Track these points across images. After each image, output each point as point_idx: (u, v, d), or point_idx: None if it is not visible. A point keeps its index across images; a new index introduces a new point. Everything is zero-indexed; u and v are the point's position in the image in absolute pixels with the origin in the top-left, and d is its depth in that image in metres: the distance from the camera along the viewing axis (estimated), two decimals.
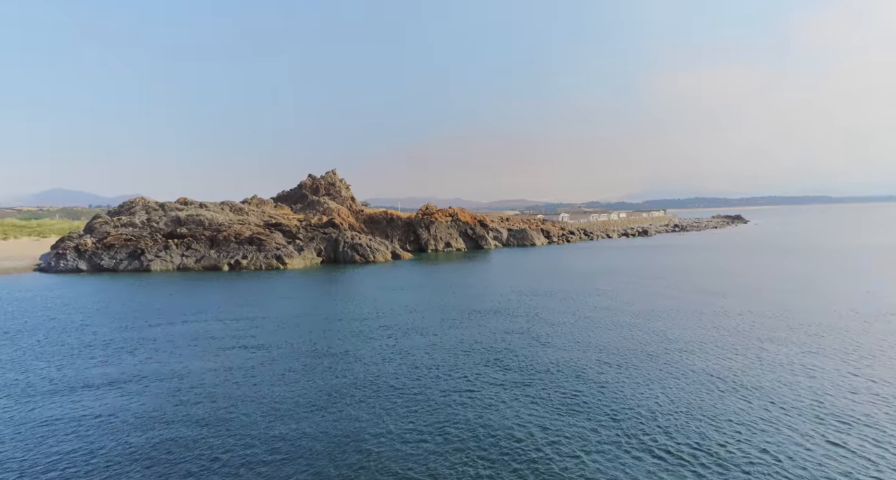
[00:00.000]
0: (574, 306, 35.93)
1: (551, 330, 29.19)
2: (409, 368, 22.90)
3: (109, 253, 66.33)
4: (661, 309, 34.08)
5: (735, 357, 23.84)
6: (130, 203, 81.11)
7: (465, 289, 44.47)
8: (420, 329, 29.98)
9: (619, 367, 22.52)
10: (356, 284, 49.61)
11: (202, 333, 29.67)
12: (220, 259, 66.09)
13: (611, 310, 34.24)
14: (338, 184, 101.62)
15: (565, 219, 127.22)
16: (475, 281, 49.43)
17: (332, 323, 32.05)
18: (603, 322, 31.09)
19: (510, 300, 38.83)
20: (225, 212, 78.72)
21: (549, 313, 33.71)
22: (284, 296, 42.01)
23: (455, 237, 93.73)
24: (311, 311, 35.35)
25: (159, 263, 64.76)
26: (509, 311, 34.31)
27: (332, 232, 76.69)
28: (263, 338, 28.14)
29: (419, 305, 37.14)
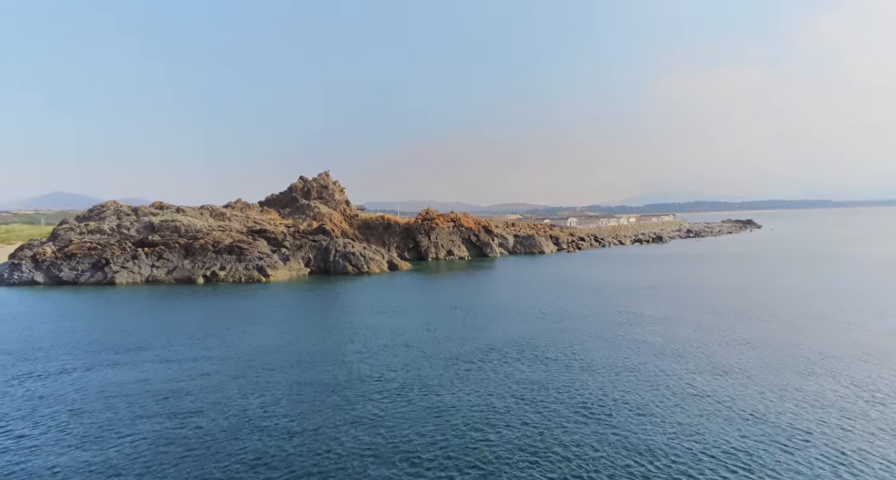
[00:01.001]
0: (627, 347, 28.47)
1: (607, 396, 21.86)
2: (405, 466, 15.55)
3: (70, 263, 59.04)
4: (773, 364, 23.61)
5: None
6: (101, 207, 73.88)
7: (473, 313, 37.17)
8: (419, 384, 22.52)
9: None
10: (344, 304, 42.31)
11: (125, 384, 22.32)
12: (194, 270, 58.79)
13: (693, 363, 26.87)
14: (331, 186, 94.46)
15: (573, 225, 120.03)
16: (485, 302, 42.12)
17: (300, 371, 24.66)
18: (689, 386, 23.80)
19: (534, 331, 31.49)
20: (204, 217, 71.47)
21: (591, 357, 26.30)
22: (254, 322, 34.66)
23: (457, 244, 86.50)
24: (278, 348, 27.92)
25: (125, 275, 57.45)
26: (537, 352, 26.87)
27: (323, 239, 69.43)
28: (205, 397, 20.75)
29: (418, 340, 29.81)
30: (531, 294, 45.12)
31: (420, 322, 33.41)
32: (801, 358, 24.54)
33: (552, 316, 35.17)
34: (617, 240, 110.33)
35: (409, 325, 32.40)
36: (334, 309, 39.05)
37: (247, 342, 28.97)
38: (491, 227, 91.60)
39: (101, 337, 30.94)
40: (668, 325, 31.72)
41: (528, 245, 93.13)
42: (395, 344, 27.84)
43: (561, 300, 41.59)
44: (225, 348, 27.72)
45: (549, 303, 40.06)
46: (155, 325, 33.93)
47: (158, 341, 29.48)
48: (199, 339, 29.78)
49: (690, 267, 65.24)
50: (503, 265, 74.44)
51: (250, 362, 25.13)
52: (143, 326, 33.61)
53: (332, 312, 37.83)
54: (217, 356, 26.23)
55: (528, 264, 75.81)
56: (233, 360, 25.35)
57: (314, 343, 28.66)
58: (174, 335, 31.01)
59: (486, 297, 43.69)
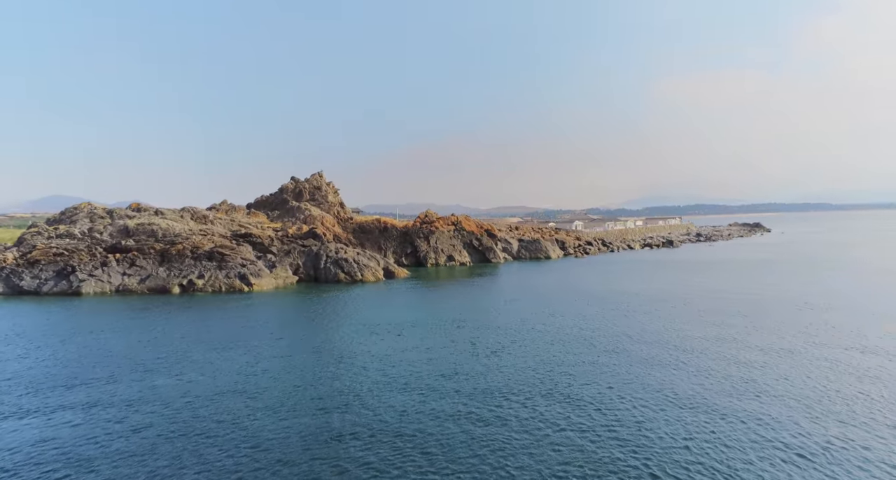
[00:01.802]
0: (705, 393, 23.01)
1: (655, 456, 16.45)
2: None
3: (32, 271, 53.49)
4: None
5: None
6: (74, 209, 68.37)
7: (481, 334, 31.71)
8: (420, 446, 17.15)
9: None
10: (329, 322, 36.82)
11: (18, 448, 16.88)
12: (169, 278, 53.27)
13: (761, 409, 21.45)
14: (324, 187, 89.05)
15: (579, 228, 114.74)
16: (494, 319, 36.64)
17: (263, 421, 19.25)
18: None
19: (560, 360, 26.00)
20: (185, 220, 65.99)
21: (645, 403, 20.95)
22: (218, 347, 29.09)
23: (459, 249, 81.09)
24: (229, 392, 22.43)
25: (93, 284, 51.89)
26: (569, 390, 21.39)
27: (313, 244, 63.97)
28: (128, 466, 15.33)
29: (417, 373, 24.35)
30: (547, 308, 39.68)
31: (419, 346, 27.94)
32: None
33: (579, 337, 29.72)
34: (625, 244, 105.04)
35: (405, 352, 26.92)
36: (317, 329, 33.56)
37: (180, 385, 23.46)
38: (494, 231, 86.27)
39: (23, 368, 25.41)
40: (757, 362, 26.29)
41: (533, 250, 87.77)
42: (389, 380, 22.37)
43: (586, 316, 36.14)
44: (157, 397, 22.23)
45: (572, 320, 34.61)
46: (100, 351, 28.40)
47: (99, 373, 23.99)
48: (142, 373, 24.27)
49: (722, 276, 59.83)
50: (508, 272, 69.04)
51: (181, 421, 19.66)
52: (86, 352, 28.10)
53: (313, 334, 32.33)
54: (153, 402, 20.75)
55: (535, 271, 70.42)
56: (163, 414, 19.84)
57: (287, 381, 23.17)
58: (121, 365, 25.47)
59: (495, 313, 38.23)
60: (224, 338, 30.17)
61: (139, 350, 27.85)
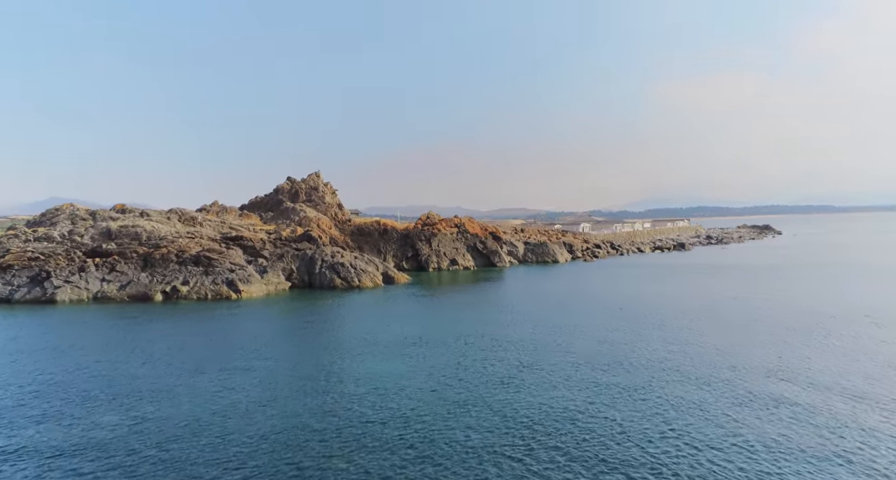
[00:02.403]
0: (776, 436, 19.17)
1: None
2: None
3: (5, 276, 49.71)
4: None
5: None
6: (55, 210, 64.68)
7: (490, 352, 27.76)
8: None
9: None
10: (323, 335, 32.89)
11: None
12: (151, 285, 49.43)
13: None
14: (321, 188, 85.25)
15: (586, 230, 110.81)
16: (503, 332, 32.67)
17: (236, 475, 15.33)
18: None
19: (588, 391, 22.10)
20: (171, 222, 62.22)
21: (703, 451, 17.03)
22: (186, 370, 25.16)
23: (462, 252, 77.21)
24: (192, 428, 18.57)
25: (69, 291, 48.08)
26: (609, 435, 17.58)
27: (308, 247, 60.15)
28: None
29: (417, 408, 20.43)
30: (565, 319, 35.69)
31: (421, 370, 23.99)
32: None
33: (610, 358, 25.70)
34: (635, 247, 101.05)
35: (406, 378, 22.97)
36: (305, 348, 29.63)
37: (125, 426, 19.55)
38: (499, 234, 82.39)
39: None
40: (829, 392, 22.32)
41: (540, 253, 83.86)
42: (385, 419, 18.40)
43: (612, 329, 32.15)
44: (94, 443, 18.34)
45: (597, 334, 30.62)
46: (47, 375, 24.49)
47: (36, 406, 20.08)
48: (87, 409, 20.37)
49: (751, 282, 55.79)
50: (515, 276, 65.13)
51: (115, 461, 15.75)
52: (30, 376, 24.20)
53: (300, 353, 28.39)
54: (87, 450, 16.84)
55: (544, 275, 66.49)
56: (94, 469, 15.94)
57: (259, 420, 19.26)
58: (66, 396, 21.55)
59: (506, 325, 34.27)
60: (195, 359, 26.26)
61: (94, 374, 23.96)
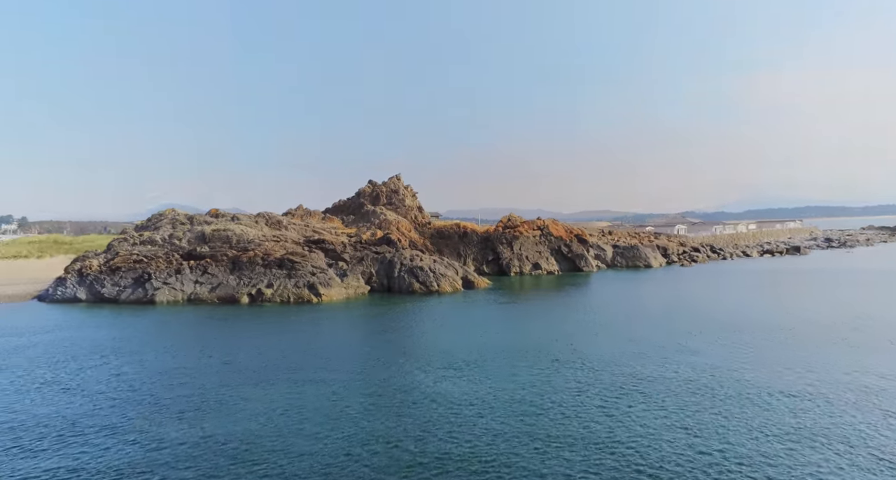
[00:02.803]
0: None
1: None
2: None
3: (113, 278, 53.47)
4: None
5: None
6: (159, 215, 69.28)
7: (587, 374, 24.51)
8: None
9: None
10: (399, 344, 31.24)
11: None
12: (239, 287, 50.92)
13: None
14: (402, 191, 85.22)
15: (682, 232, 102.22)
16: (601, 351, 29.16)
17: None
18: None
19: (698, 427, 18.44)
20: (259, 226, 64.35)
21: None
22: (252, 381, 24.42)
23: (545, 256, 73.51)
24: (251, 444, 17.31)
25: (166, 292, 50.70)
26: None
27: (387, 251, 59.60)
28: None
29: (497, 443, 17.88)
30: (663, 336, 31.46)
31: (504, 390, 21.38)
32: None
33: (730, 390, 21.70)
34: (739, 250, 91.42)
35: (486, 400, 20.46)
36: (378, 358, 28.04)
37: (188, 434, 18.55)
38: (585, 236, 77.61)
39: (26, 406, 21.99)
40: None
41: (630, 257, 78.00)
42: (465, 453, 15.99)
43: (737, 346, 27.72)
44: (161, 458, 17.46)
45: (716, 356, 26.39)
46: (138, 382, 24.69)
47: (130, 413, 19.91)
48: (158, 420, 19.85)
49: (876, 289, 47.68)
50: (602, 282, 60.52)
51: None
52: (120, 384, 24.50)
53: (372, 365, 26.81)
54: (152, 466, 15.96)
55: (637, 281, 61.24)
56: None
57: (326, 441, 17.65)
58: (153, 405, 21.36)
59: (601, 339, 30.72)
60: (270, 367, 25.53)
61: (171, 382, 23.83)
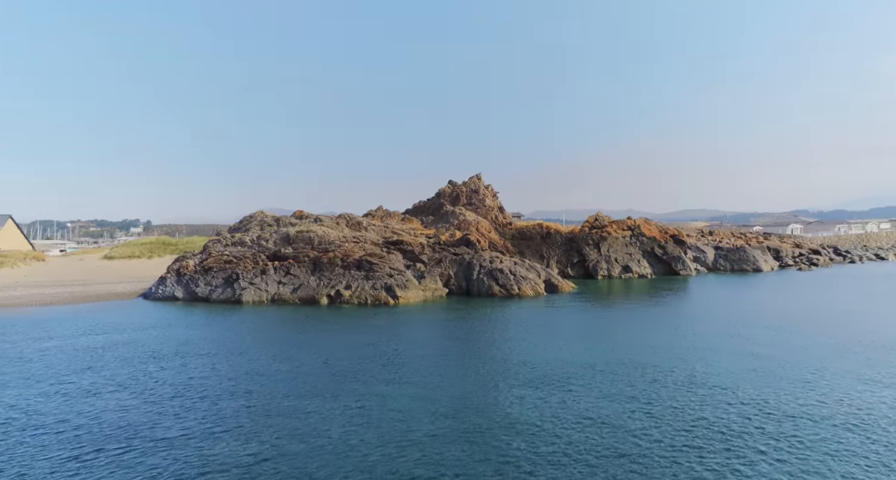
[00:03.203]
0: None
1: None
2: None
3: (206, 278, 56.00)
4: None
5: None
6: (249, 217, 72.26)
7: (688, 395, 20.72)
8: None
9: None
10: (476, 352, 28.84)
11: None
12: (319, 288, 51.20)
13: None
14: (482, 191, 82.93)
15: (797, 232, 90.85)
16: (714, 374, 24.97)
17: None
18: None
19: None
20: (340, 227, 64.90)
21: None
22: (308, 393, 23.08)
23: (636, 258, 67.88)
24: (301, 463, 15.60)
25: (252, 293, 52.14)
26: None
27: (466, 252, 57.55)
28: None
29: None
30: (792, 354, 26.49)
31: (596, 417, 18.25)
32: None
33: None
34: (870, 253, 79.21)
35: (573, 432, 17.53)
36: (452, 367, 25.77)
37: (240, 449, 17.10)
38: (682, 237, 70.78)
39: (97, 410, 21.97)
40: None
41: (736, 260, 70.07)
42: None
43: (879, 385, 22.57)
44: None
45: (861, 395, 21.49)
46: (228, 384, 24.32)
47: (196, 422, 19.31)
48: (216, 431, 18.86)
49: None
50: (704, 287, 54.30)
51: None
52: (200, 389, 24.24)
53: (447, 374, 24.58)
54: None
55: (744, 287, 54.31)
56: None
57: (386, 469, 15.65)
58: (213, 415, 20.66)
59: (702, 355, 26.43)
60: (338, 376, 24.18)
61: (237, 389, 23.15)
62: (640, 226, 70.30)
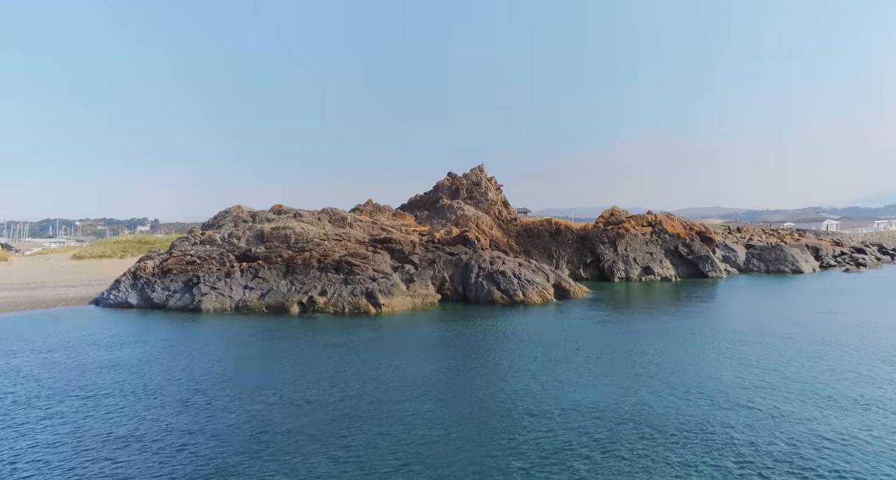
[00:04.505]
0: None
1: None
2: None
3: (164, 281, 48.72)
4: None
5: None
6: (224, 212, 65.04)
7: (755, 455, 12.87)
8: None
9: None
10: (464, 392, 21.11)
11: None
12: (290, 294, 43.76)
13: None
14: (484, 183, 75.22)
15: (833, 229, 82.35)
16: (780, 412, 17.20)
17: None
18: None
19: None
20: (321, 223, 57.46)
21: None
22: (269, 440, 15.51)
23: (659, 258, 59.95)
24: None
25: (213, 299, 44.78)
26: None
27: (463, 252, 49.93)
28: None
29: None
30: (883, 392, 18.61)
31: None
32: None
33: None
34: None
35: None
36: (433, 410, 18.19)
37: None
38: (710, 234, 62.73)
39: None
40: None
41: (771, 260, 61.92)
42: None
43: None
44: None
45: None
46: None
47: None
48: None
49: None
50: (740, 292, 46.37)
51: None
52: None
53: (428, 418, 17.03)
54: None
55: (790, 292, 46.26)
56: None
57: None
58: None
59: (767, 392, 18.59)
60: (286, 429, 16.60)
61: (148, 443, 15.66)
62: (661, 222, 62.34)
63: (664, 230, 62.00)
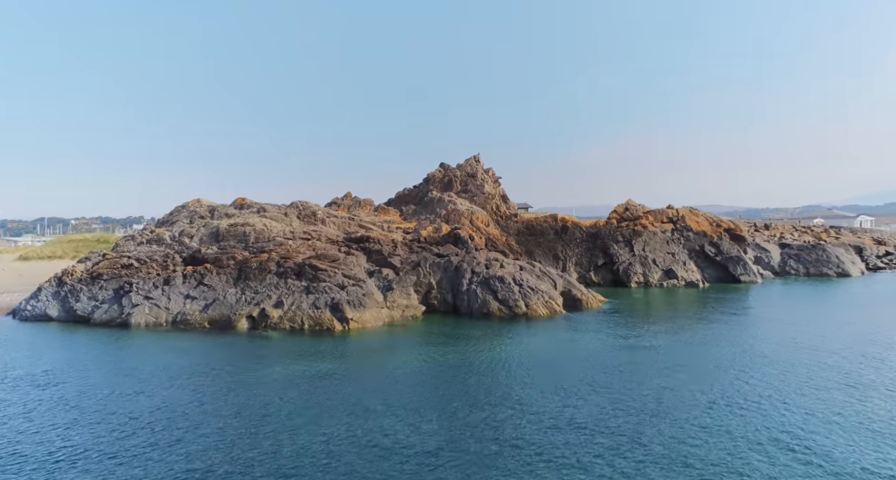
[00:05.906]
0: None
1: None
2: None
3: (91, 289, 40.31)
4: None
5: None
6: (180, 207, 56.60)
7: None
8: None
9: None
10: (443, 463, 12.74)
11: None
12: (238, 306, 35.40)
13: None
14: (480, 175, 66.89)
15: (866, 226, 74.17)
16: None
17: None
18: None
19: None
20: (289, 218, 49.06)
21: None
22: None
23: (682, 260, 51.71)
24: None
25: (146, 311, 36.40)
26: None
27: (454, 253, 41.64)
28: None
29: None
30: None
31: None
32: None
33: None
34: None
35: None
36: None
37: None
38: (740, 232, 54.50)
39: None
40: None
41: (812, 261, 53.77)
42: None
43: None
44: None
45: None
46: None
47: None
48: None
49: None
50: (784, 300, 38.27)
51: None
52: None
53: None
54: None
55: (853, 303, 37.98)
56: None
57: None
58: None
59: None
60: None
61: None
62: (684, 217, 54.09)
63: (687, 227, 53.77)
